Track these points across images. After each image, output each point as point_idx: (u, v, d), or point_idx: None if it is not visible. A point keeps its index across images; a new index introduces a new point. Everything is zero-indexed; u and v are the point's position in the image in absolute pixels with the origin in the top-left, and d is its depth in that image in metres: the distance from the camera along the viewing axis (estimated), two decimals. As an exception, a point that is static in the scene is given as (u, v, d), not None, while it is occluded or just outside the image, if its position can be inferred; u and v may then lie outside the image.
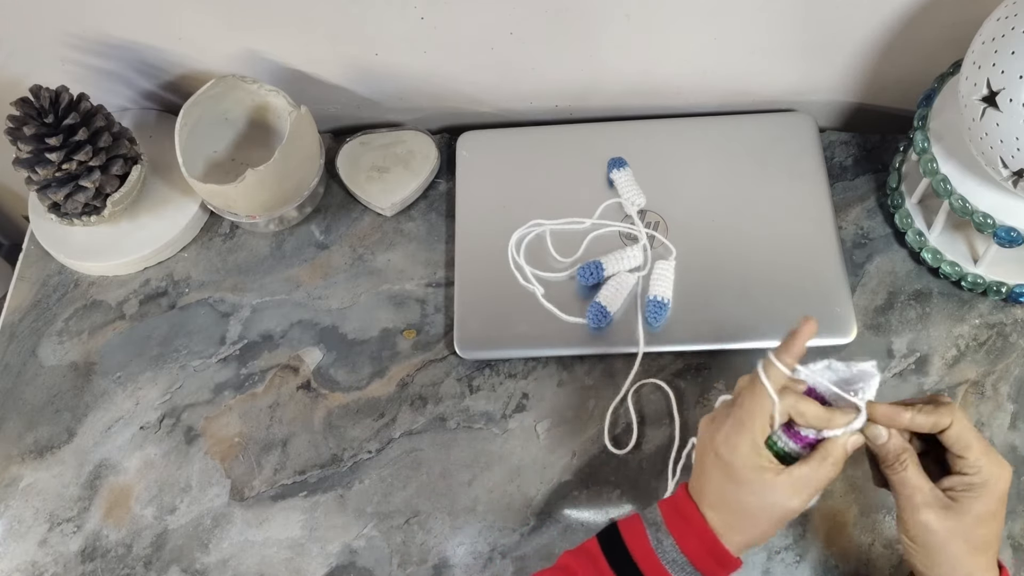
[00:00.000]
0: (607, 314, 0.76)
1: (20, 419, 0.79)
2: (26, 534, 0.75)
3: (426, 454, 0.75)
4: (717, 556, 0.55)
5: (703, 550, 0.55)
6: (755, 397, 0.55)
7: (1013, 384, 0.74)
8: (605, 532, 0.58)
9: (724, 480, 0.55)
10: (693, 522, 0.55)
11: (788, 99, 0.86)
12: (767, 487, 0.54)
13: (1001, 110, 0.61)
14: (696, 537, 0.55)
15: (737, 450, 0.54)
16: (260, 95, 0.82)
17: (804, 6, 0.74)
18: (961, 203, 0.69)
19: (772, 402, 0.54)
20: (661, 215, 0.81)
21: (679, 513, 0.56)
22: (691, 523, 0.55)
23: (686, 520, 0.56)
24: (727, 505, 0.55)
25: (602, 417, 0.75)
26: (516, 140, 0.87)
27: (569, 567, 0.57)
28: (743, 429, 0.54)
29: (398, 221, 0.86)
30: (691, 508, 0.56)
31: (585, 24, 0.76)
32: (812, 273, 0.77)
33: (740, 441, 0.54)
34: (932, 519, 0.54)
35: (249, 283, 0.84)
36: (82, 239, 0.85)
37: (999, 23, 0.61)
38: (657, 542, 0.55)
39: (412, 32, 0.78)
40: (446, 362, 0.78)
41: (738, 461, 0.54)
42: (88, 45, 0.82)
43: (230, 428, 0.77)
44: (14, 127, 0.77)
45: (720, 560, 0.55)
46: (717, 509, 0.55)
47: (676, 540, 0.55)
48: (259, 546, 0.72)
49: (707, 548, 0.55)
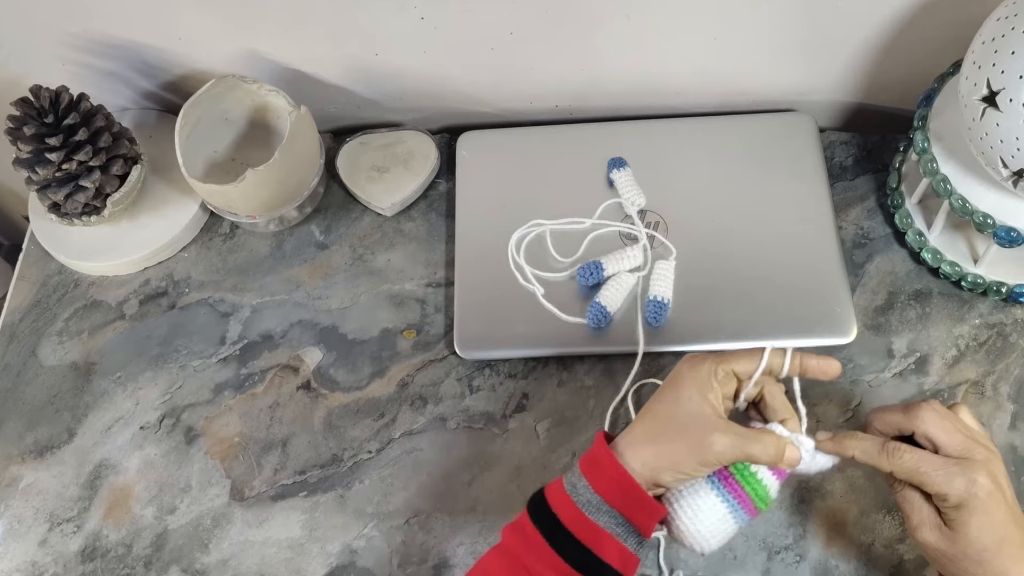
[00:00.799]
0: (607, 314, 0.76)
1: (20, 419, 0.79)
2: (26, 534, 0.75)
3: (426, 454, 0.75)
4: (632, 494, 0.54)
5: (615, 487, 0.54)
6: (747, 353, 0.56)
7: (1013, 384, 0.74)
8: (533, 495, 0.57)
9: (667, 387, 0.56)
10: (604, 460, 0.55)
11: (788, 99, 0.86)
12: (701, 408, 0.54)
13: (1001, 110, 0.61)
14: (606, 475, 0.54)
15: (698, 368, 0.55)
16: (260, 95, 0.82)
17: (804, 6, 0.74)
18: (961, 203, 0.70)
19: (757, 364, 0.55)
20: (661, 215, 0.81)
21: (591, 455, 0.56)
22: (602, 461, 0.55)
23: (597, 460, 0.55)
24: (654, 413, 0.56)
25: (602, 417, 0.75)
26: (516, 140, 0.87)
27: (506, 541, 0.56)
28: (717, 358, 0.55)
29: (398, 221, 0.86)
30: (604, 448, 0.55)
31: (585, 24, 0.76)
32: (812, 273, 0.77)
33: (705, 361, 0.55)
34: (929, 540, 0.55)
35: (249, 283, 0.84)
36: (82, 239, 0.85)
37: (999, 23, 0.61)
38: (571, 486, 0.55)
39: (412, 32, 0.78)
40: (446, 362, 0.78)
41: (692, 375, 0.55)
42: (88, 45, 0.82)
43: (230, 428, 0.77)
44: (14, 127, 0.77)
45: (632, 495, 0.54)
46: (643, 419, 0.56)
47: (588, 481, 0.54)
48: (259, 546, 0.72)
49: (619, 485, 0.54)
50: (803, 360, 0.57)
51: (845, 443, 0.57)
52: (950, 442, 0.55)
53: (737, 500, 0.55)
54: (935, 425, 0.55)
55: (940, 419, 0.55)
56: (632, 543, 0.54)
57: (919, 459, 0.54)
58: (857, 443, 0.56)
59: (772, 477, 0.56)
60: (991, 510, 0.53)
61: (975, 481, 0.52)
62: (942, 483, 0.53)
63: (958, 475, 0.53)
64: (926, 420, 0.55)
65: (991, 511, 0.53)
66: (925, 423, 0.55)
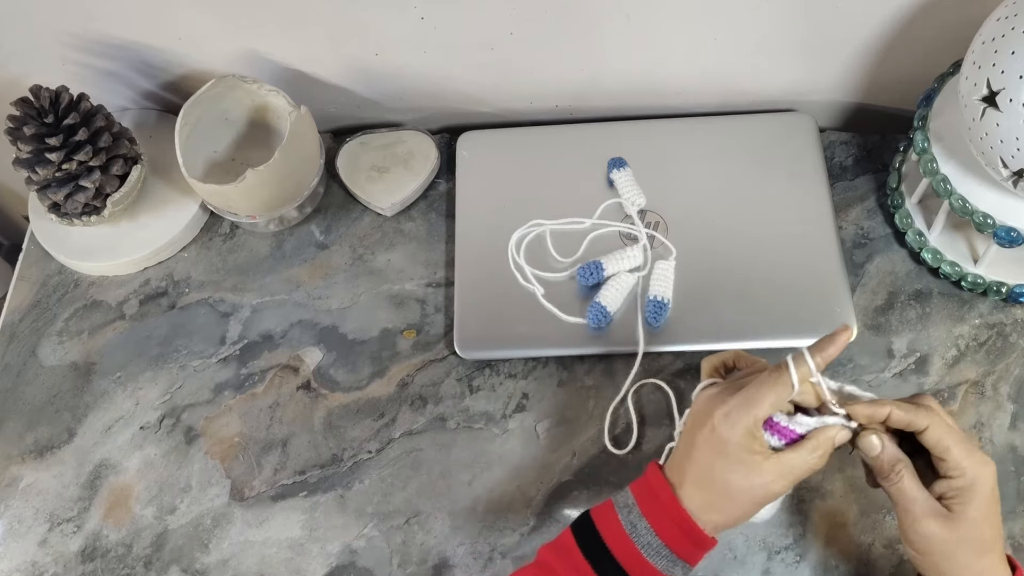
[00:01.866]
0: (607, 314, 0.76)
1: (20, 419, 0.79)
2: (26, 534, 0.75)
3: (426, 454, 0.75)
4: (693, 537, 0.54)
5: (678, 532, 0.54)
6: (775, 383, 0.54)
7: (1013, 384, 0.74)
8: (578, 521, 0.57)
9: (714, 457, 0.54)
10: (667, 503, 0.55)
11: (788, 99, 0.86)
12: (755, 468, 0.53)
13: (1001, 110, 0.61)
14: (670, 519, 0.54)
15: (736, 427, 0.54)
16: (260, 95, 0.82)
17: (804, 6, 0.74)
18: (961, 203, 0.69)
19: (792, 390, 0.54)
20: (661, 215, 0.81)
21: (652, 494, 0.55)
22: (665, 504, 0.55)
23: (659, 501, 0.55)
24: (712, 483, 0.54)
25: (602, 417, 0.75)
26: (516, 140, 0.87)
27: (547, 563, 0.56)
28: (750, 408, 0.54)
29: (398, 221, 0.86)
30: (664, 488, 0.55)
31: (585, 24, 0.76)
32: (812, 273, 0.77)
33: (742, 419, 0.54)
34: (932, 528, 0.54)
35: (249, 283, 0.84)
36: (82, 239, 0.85)
37: (999, 23, 0.61)
38: (631, 526, 0.55)
39: (412, 32, 0.78)
40: (446, 362, 0.78)
41: (735, 439, 0.54)
42: (88, 45, 0.82)
43: (230, 428, 0.77)
44: (14, 127, 0.77)
45: (696, 541, 0.54)
46: (699, 486, 0.55)
47: (650, 523, 0.54)
48: (259, 546, 0.72)
49: (683, 530, 0.54)
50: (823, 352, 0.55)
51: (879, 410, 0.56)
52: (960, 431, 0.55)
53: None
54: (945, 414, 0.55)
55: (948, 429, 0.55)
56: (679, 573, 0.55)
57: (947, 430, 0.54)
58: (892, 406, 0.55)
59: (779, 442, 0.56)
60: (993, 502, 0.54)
61: (987, 463, 0.54)
62: (964, 453, 0.53)
63: (977, 454, 0.54)
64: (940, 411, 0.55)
65: (993, 503, 0.54)
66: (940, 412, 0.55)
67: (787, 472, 0.54)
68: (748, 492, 0.54)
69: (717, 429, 0.54)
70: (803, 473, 0.54)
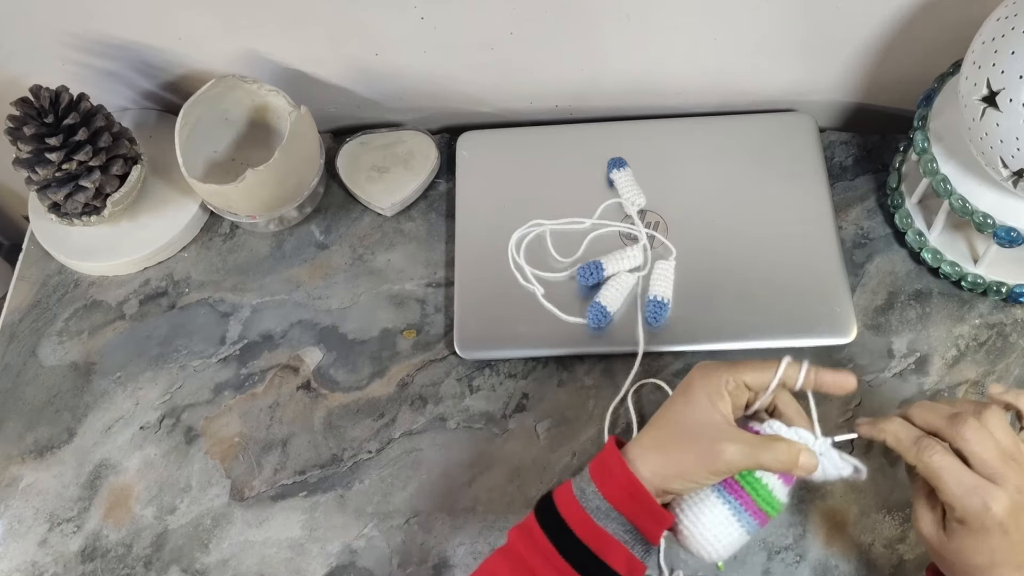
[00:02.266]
0: (607, 314, 0.76)
1: (20, 419, 0.79)
2: (26, 534, 0.75)
3: (426, 454, 0.75)
4: (638, 498, 0.53)
5: (624, 494, 0.53)
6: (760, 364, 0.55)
7: (1013, 384, 0.74)
8: (541, 498, 0.57)
9: (677, 395, 0.56)
10: (614, 466, 0.54)
11: (788, 99, 0.86)
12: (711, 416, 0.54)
13: (1001, 110, 0.61)
14: (616, 481, 0.54)
15: (709, 376, 0.55)
16: (260, 95, 0.82)
17: (804, 6, 0.74)
18: (961, 203, 0.69)
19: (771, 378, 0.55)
20: (661, 215, 0.81)
21: (602, 460, 0.56)
22: (612, 467, 0.54)
23: (607, 465, 0.55)
24: (664, 420, 0.55)
25: (602, 417, 0.75)
26: (516, 140, 0.87)
27: (512, 543, 0.56)
28: (727, 368, 0.55)
29: (398, 221, 0.86)
30: (614, 453, 0.55)
31: (585, 24, 0.76)
32: (812, 273, 0.77)
33: (717, 370, 0.55)
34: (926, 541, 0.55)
35: (249, 283, 0.84)
36: (82, 239, 0.85)
37: (999, 23, 0.61)
38: (580, 491, 0.55)
39: (412, 32, 0.78)
40: (446, 362, 0.78)
41: (700, 383, 0.55)
42: (88, 45, 0.82)
43: (230, 428, 0.77)
44: (14, 127, 0.77)
45: (641, 502, 0.53)
46: (653, 425, 0.56)
47: (598, 486, 0.54)
48: (259, 546, 0.72)
49: (628, 491, 0.53)
50: (818, 374, 0.56)
51: (882, 426, 0.56)
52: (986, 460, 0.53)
53: (743, 505, 0.55)
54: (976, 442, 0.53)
55: (981, 437, 0.53)
56: (639, 550, 0.54)
57: (945, 466, 0.53)
58: (894, 428, 0.55)
59: (778, 481, 0.55)
60: (991, 537, 0.52)
61: (988, 508, 0.51)
62: (956, 496, 0.52)
63: (975, 495, 0.52)
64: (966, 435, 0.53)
65: (990, 538, 0.52)
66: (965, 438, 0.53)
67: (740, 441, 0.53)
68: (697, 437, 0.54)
69: (691, 377, 0.56)
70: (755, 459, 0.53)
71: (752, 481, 0.55)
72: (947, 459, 0.53)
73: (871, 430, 0.56)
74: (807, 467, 0.54)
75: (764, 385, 0.55)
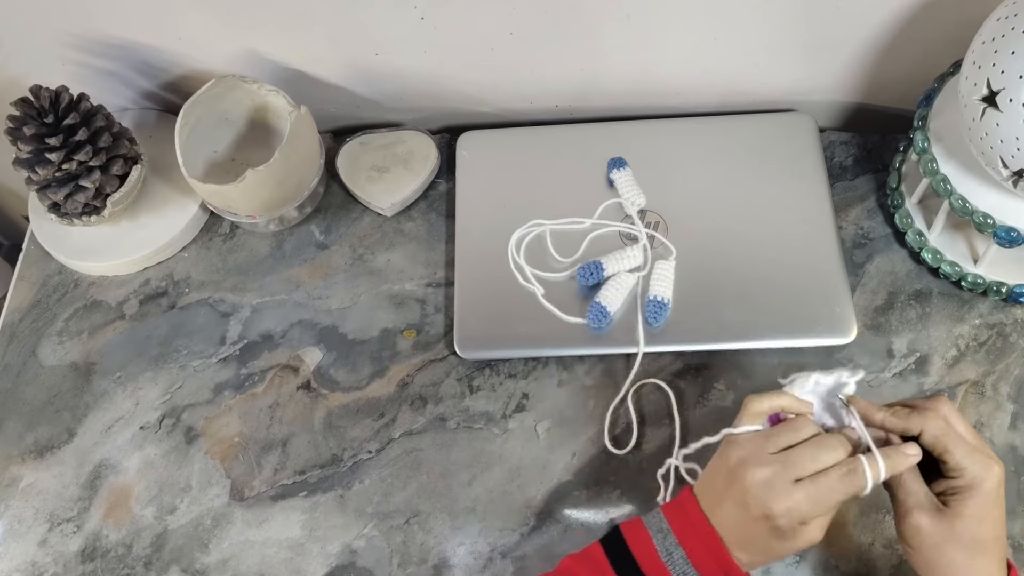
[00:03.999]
0: (607, 314, 0.76)
1: (20, 419, 0.79)
2: (26, 534, 0.75)
3: (426, 454, 0.75)
4: (727, 570, 0.54)
5: (713, 564, 0.54)
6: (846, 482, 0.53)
7: (1013, 384, 0.74)
8: (609, 538, 0.56)
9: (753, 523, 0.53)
10: (703, 533, 0.54)
11: (788, 99, 0.86)
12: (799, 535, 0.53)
13: (1001, 110, 0.61)
14: (705, 549, 0.54)
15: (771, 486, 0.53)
16: (260, 95, 0.82)
17: (804, 6, 0.74)
18: (961, 203, 0.69)
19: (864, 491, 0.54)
20: (661, 215, 0.81)
21: (688, 521, 0.55)
22: (700, 534, 0.54)
23: (695, 530, 0.54)
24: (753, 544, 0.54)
25: (602, 417, 0.75)
26: (516, 140, 0.87)
27: (573, 571, 0.56)
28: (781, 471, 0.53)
29: (398, 221, 0.86)
30: (700, 518, 0.54)
31: (585, 24, 0.76)
32: (812, 273, 0.77)
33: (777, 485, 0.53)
34: (923, 522, 0.54)
35: (249, 283, 0.84)
36: (82, 239, 0.85)
37: (999, 23, 0.61)
38: (666, 553, 0.54)
39: (412, 32, 0.78)
40: (446, 362, 0.78)
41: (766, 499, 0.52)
42: (88, 45, 0.82)
43: (230, 428, 0.77)
44: (14, 127, 0.77)
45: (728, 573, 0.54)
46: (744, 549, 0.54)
47: (687, 553, 0.54)
48: (259, 546, 0.72)
49: (720, 565, 0.54)
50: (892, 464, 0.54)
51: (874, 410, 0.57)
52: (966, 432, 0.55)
53: None
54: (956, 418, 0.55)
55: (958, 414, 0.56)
56: None
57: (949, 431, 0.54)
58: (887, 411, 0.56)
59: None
60: (995, 503, 0.53)
61: (992, 467, 0.53)
62: (965, 453, 0.53)
63: (979, 455, 0.53)
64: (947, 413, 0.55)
65: (995, 504, 0.53)
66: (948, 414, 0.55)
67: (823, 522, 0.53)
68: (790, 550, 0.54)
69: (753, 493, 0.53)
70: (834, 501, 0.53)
71: None
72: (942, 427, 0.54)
73: (866, 408, 0.56)
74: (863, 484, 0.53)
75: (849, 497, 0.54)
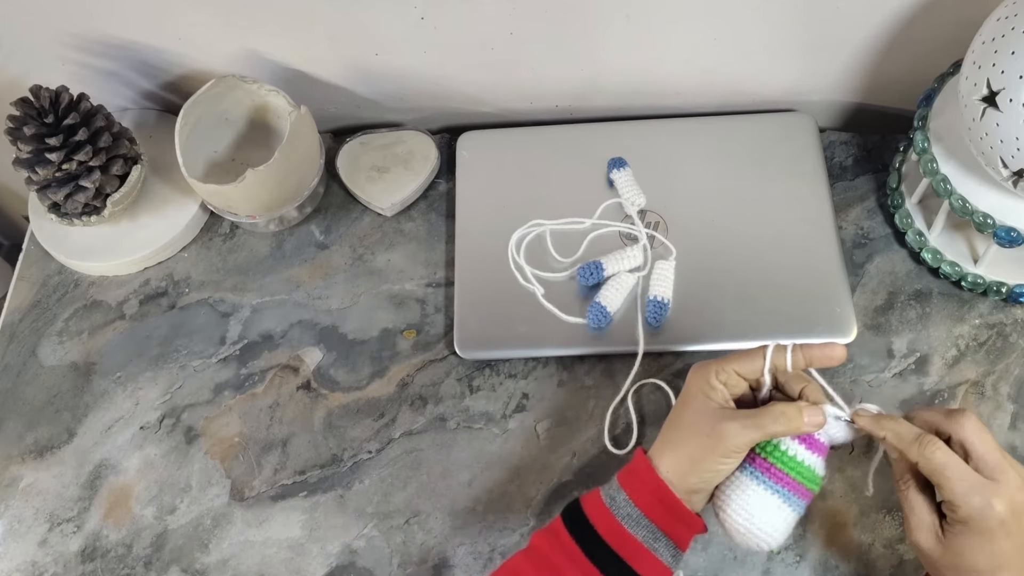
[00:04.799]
0: (607, 314, 0.76)
1: (20, 419, 0.79)
2: (26, 534, 0.75)
3: (426, 454, 0.75)
4: (668, 504, 0.54)
5: (654, 499, 0.54)
6: (748, 354, 0.56)
7: (1013, 384, 0.74)
8: (568, 505, 0.58)
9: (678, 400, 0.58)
10: (643, 473, 0.55)
11: (788, 99, 0.86)
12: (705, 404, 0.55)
13: (1001, 110, 0.61)
14: (647, 488, 0.55)
15: (699, 371, 0.57)
16: (260, 95, 0.82)
17: (804, 6, 0.74)
18: (961, 203, 0.69)
19: (759, 366, 0.56)
20: (661, 215, 0.81)
21: (630, 469, 0.56)
22: (641, 475, 0.55)
23: (636, 472, 0.56)
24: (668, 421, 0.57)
25: (602, 417, 0.75)
26: (516, 140, 0.87)
27: (538, 547, 0.57)
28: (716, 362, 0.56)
29: (398, 221, 0.86)
30: (642, 461, 0.56)
31: (585, 24, 0.76)
32: (812, 273, 0.77)
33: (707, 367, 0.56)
34: (921, 544, 0.54)
35: (249, 283, 0.84)
36: (82, 239, 0.85)
37: (999, 23, 0.61)
38: (610, 499, 0.55)
39: (412, 32, 0.78)
40: (446, 362, 0.78)
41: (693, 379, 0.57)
42: (88, 45, 0.82)
43: (230, 428, 0.77)
44: (14, 127, 0.77)
45: (674, 510, 0.54)
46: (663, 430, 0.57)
47: (628, 494, 0.55)
48: (259, 546, 0.72)
49: (657, 496, 0.54)
50: (806, 352, 0.56)
51: (882, 423, 0.56)
52: (985, 454, 0.53)
53: (784, 486, 0.55)
54: (975, 434, 0.53)
55: (981, 431, 0.54)
56: (667, 557, 0.55)
57: (948, 462, 0.53)
58: (894, 426, 0.55)
59: (810, 453, 0.56)
60: (994, 537, 0.52)
61: (991, 505, 0.51)
62: (959, 493, 0.52)
63: (978, 492, 0.52)
64: (966, 427, 0.54)
65: (994, 538, 0.52)
66: (965, 429, 0.54)
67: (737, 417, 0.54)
68: (697, 426, 0.55)
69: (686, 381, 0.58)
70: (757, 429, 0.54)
71: (785, 459, 0.55)
72: (949, 455, 0.53)
73: (872, 425, 0.56)
74: (814, 422, 0.54)
75: (756, 372, 0.56)
